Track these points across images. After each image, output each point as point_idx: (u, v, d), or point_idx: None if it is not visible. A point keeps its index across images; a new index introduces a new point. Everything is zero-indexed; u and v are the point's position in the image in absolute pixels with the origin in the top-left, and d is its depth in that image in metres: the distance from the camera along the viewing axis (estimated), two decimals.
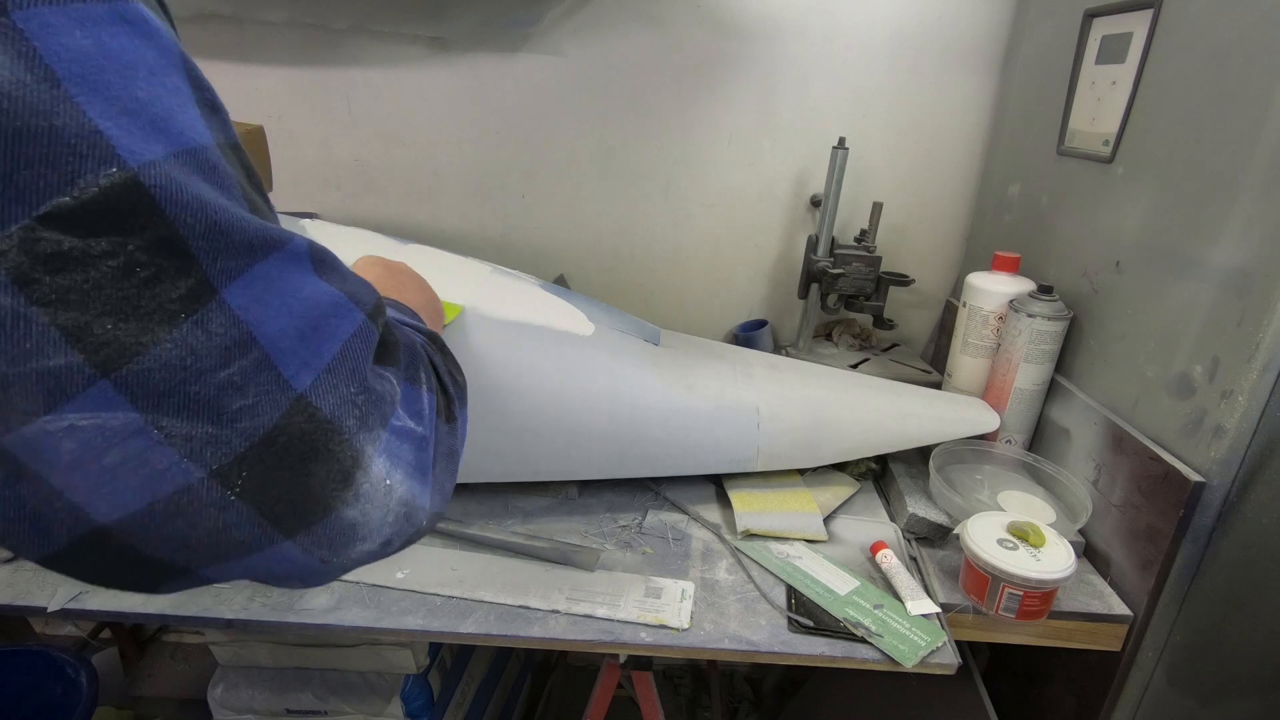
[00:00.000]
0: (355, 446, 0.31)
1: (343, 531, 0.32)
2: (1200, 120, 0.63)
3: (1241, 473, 0.59)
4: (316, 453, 0.30)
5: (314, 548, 0.31)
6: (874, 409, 0.82)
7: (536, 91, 1.07)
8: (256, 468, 0.28)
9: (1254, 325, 0.56)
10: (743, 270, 1.18)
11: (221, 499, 0.28)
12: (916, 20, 1.01)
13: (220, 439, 0.27)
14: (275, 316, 0.28)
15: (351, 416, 0.31)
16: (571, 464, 0.77)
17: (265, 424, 0.28)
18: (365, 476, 0.32)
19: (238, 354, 0.27)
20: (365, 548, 0.34)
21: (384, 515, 0.33)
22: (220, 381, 0.26)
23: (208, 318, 0.26)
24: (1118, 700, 0.69)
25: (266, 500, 0.29)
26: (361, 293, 0.34)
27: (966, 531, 0.66)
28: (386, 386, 0.34)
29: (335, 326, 0.31)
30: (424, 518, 0.37)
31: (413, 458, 0.35)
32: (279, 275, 0.29)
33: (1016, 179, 0.97)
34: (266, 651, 0.87)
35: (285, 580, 0.34)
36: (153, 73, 0.26)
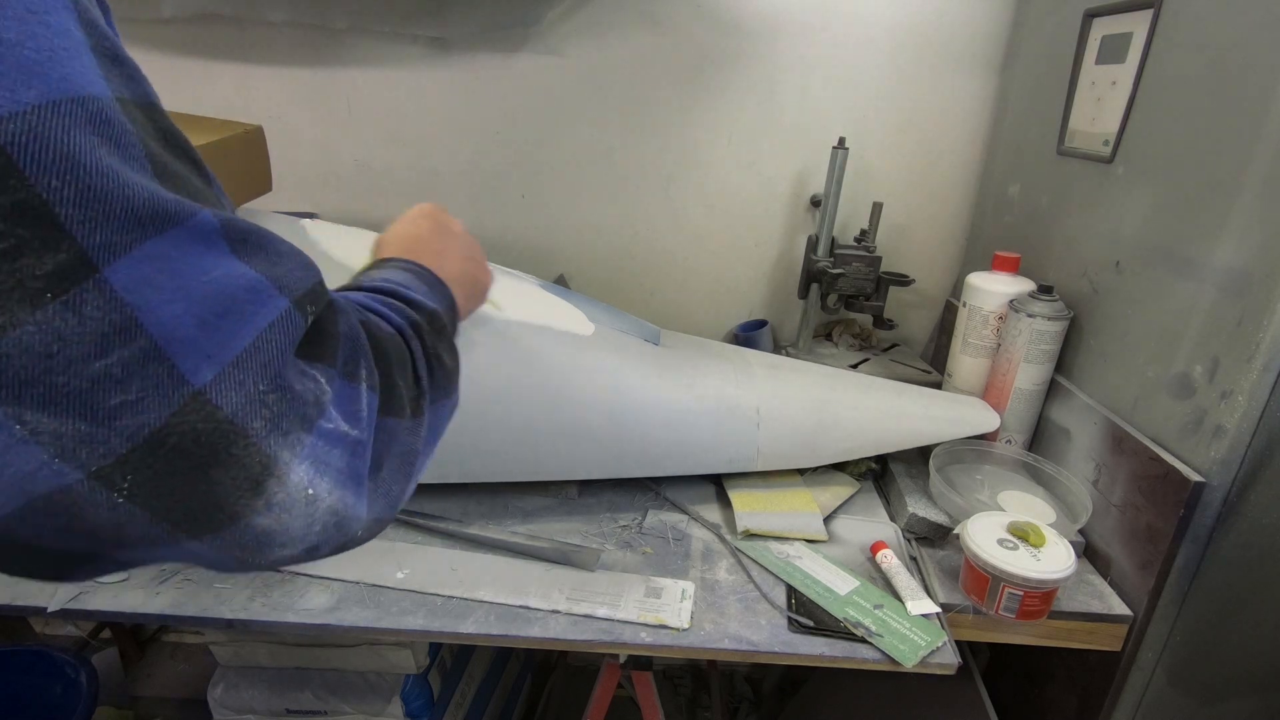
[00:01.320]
0: (265, 452, 0.27)
1: (255, 539, 0.29)
2: (1200, 120, 0.63)
3: (1241, 473, 0.59)
4: (217, 458, 0.26)
5: (225, 549, 0.28)
6: (874, 409, 0.82)
7: (536, 91, 1.07)
8: (144, 472, 0.25)
9: (1254, 325, 0.56)
10: (743, 270, 1.18)
11: (108, 500, 0.25)
12: (917, 20, 1.01)
13: (96, 438, 0.24)
14: (169, 301, 0.24)
15: (259, 418, 0.27)
16: (571, 464, 0.77)
17: (151, 423, 0.24)
18: (280, 485, 0.28)
19: (118, 342, 0.23)
20: (286, 553, 0.31)
21: (307, 524, 0.30)
22: (95, 373, 0.23)
23: (82, 299, 0.23)
24: (1118, 700, 0.69)
25: (162, 505, 0.26)
26: (292, 276, 0.30)
27: (966, 531, 0.66)
28: (310, 385, 0.30)
29: (249, 314, 0.27)
30: (359, 527, 0.33)
31: (344, 464, 0.31)
32: (178, 254, 0.25)
33: (1016, 179, 0.97)
34: (266, 651, 0.87)
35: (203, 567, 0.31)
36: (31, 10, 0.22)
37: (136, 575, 0.66)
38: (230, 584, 0.65)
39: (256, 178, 0.84)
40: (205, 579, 0.66)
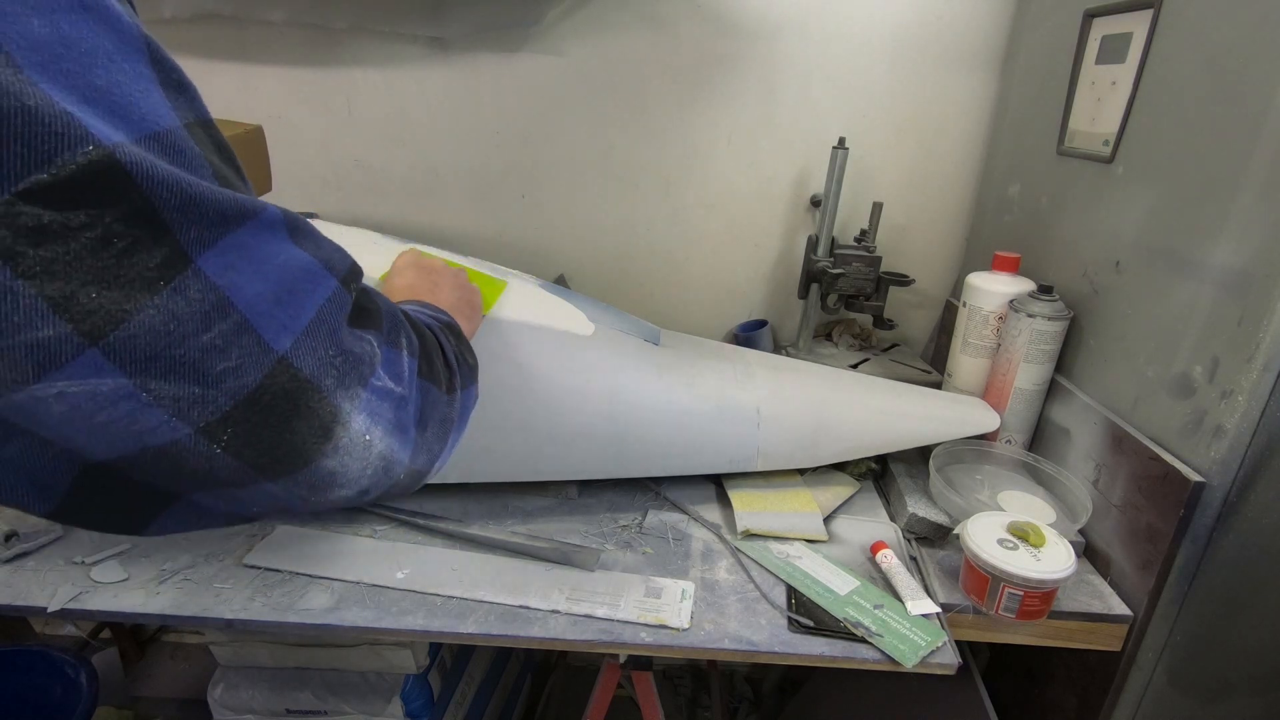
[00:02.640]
0: (334, 404, 0.32)
1: (322, 479, 0.34)
2: (1200, 120, 0.63)
3: (1241, 473, 0.59)
4: (298, 410, 0.31)
5: (294, 489, 0.33)
6: (874, 409, 0.82)
7: (536, 91, 1.07)
8: (242, 425, 0.30)
9: (1254, 325, 0.56)
10: (743, 270, 1.18)
11: (208, 451, 0.29)
12: (916, 20, 1.01)
13: (207, 399, 0.28)
14: (250, 282, 0.29)
15: (330, 376, 0.32)
16: (571, 464, 0.77)
17: (250, 384, 0.29)
18: (345, 432, 0.33)
19: (217, 318, 0.28)
20: (343, 493, 0.36)
21: (362, 467, 0.35)
22: (203, 345, 0.28)
23: (185, 284, 0.27)
24: (1118, 700, 0.69)
25: (251, 453, 0.30)
26: (335, 259, 0.35)
27: (966, 531, 0.66)
28: (365, 348, 0.35)
29: (310, 291, 0.32)
30: (402, 472, 0.39)
31: (392, 416, 0.37)
32: (253, 243, 0.30)
33: (1016, 179, 0.97)
34: (266, 651, 0.87)
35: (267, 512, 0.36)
36: (111, 59, 0.26)
37: (136, 575, 0.66)
38: (230, 584, 0.65)
39: (257, 178, 0.84)
40: (205, 578, 0.66)
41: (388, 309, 0.40)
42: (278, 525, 0.74)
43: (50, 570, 0.66)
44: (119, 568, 0.67)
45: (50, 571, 0.66)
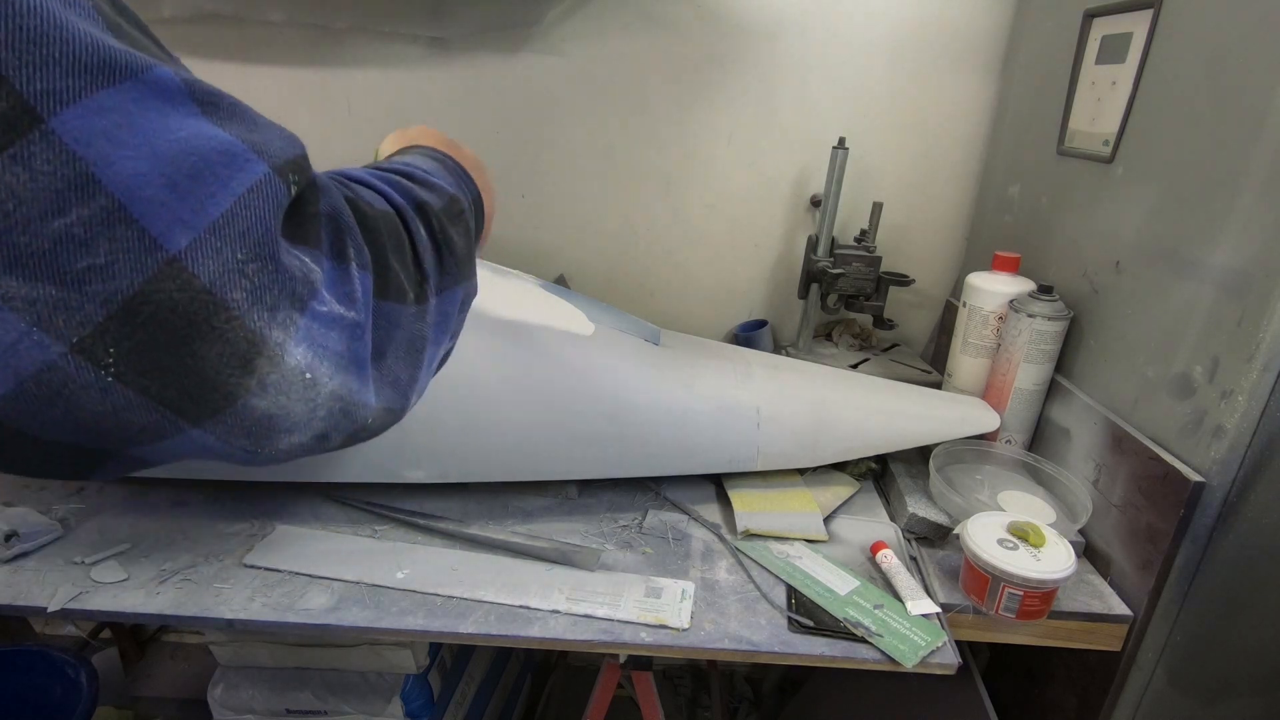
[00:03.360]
0: (249, 327, 0.26)
1: (258, 422, 0.28)
2: (1200, 120, 0.63)
3: (1241, 473, 0.59)
4: (198, 330, 0.25)
5: (230, 437, 0.28)
6: (874, 409, 0.82)
7: (536, 91, 1.07)
8: (125, 344, 0.24)
9: (1254, 325, 0.56)
10: (743, 270, 1.18)
11: (97, 380, 0.24)
12: (916, 20, 1.01)
13: (70, 304, 0.23)
14: (131, 158, 0.23)
15: (239, 289, 0.26)
16: (571, 464, 0.77)
17: (124, 289, 0.23)
18: (272, 365, 0.27)
19: (74, 199, 0.22)
20: (295, 439, 0.30)
21: (310, 409, 0.29)
22: (55, 232, 0.22)
23: (30, 151, 0.21)
24: (1118, 700, 0.69)
25: (152, 384, 0.25)
26: (272, 144, 0.28)
27: (966, 531, 0.66)
28: (298, 263, 0.29)
29: (225, 177, 0.25)
30: (369, 415, 0.33)
31: (343, 347, 0.30)
32: (135, 109, 0.24)
33: (1016, 179, 0.97)
34: (266, 651, 0.87)
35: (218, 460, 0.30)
36: None
37: (136, 575, 0.66)
38: (230, 584, 0.65)
39: None
40: (205, 578, 0.66)
41: (329, 210, 0.32)
42: (278, 525, 0.74)
43: (50, 570, 0.66)
44: (119, 568, 0.67)
45: (50, 571, 0.66)
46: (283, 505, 0.77)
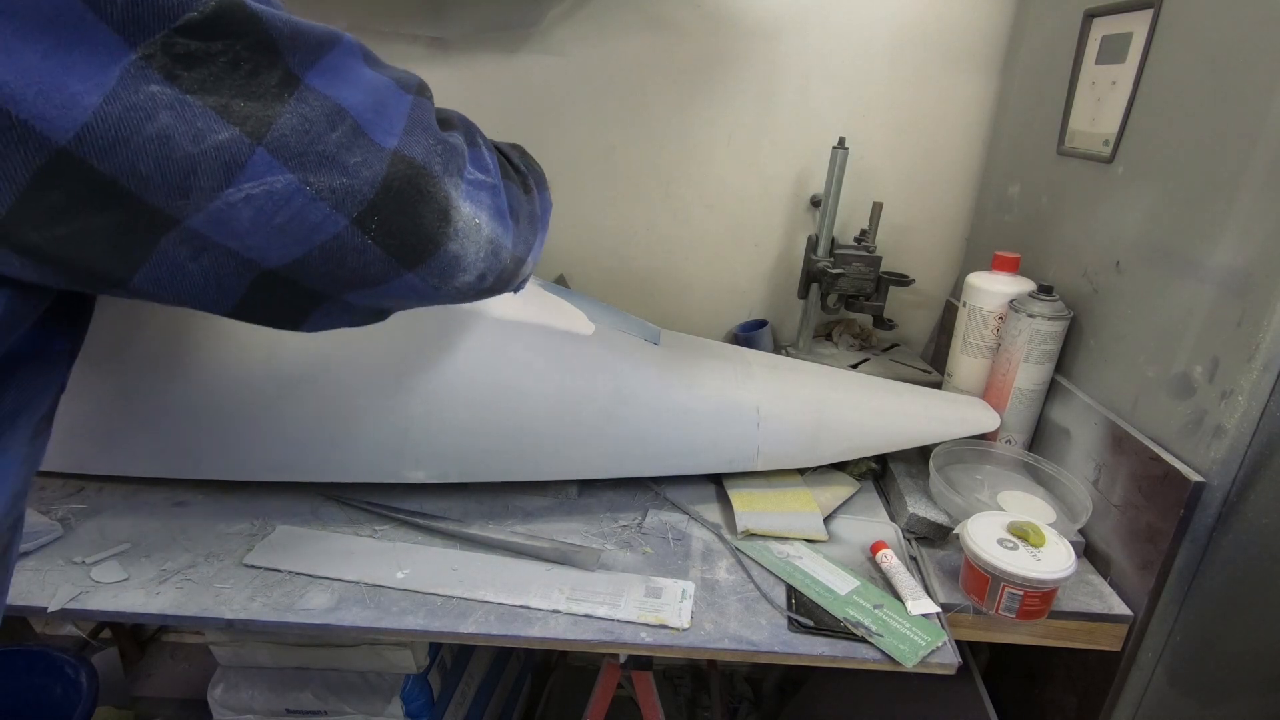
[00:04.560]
0: (444, 189, 0.38)
1: (449, 263, 0.39)
2: (1200, 120, 0.63)
3: (1241, 473, 0.59)
4: (420, 195, 0.37)
5: (429, 277, 0.39)
6: (874, 409, 0.82)
7: (536, 91, 1.07)
8: (383, 213, 0.35)
9: (1254, 325, 0.56)
10: (743, 270, 1.18)
11: (361, 243, 0.35)
12: (916, 20, 1.01)
13: (352, 189, 0.34)
14: (351, 93, 0.34)
15: (436, 164, 0.37)
16: (571, 464, 0.77)
17: (379, 173, 0.35)
18: (459, 215, 0.39)
19: (337, 121, 0.33)
20: (466, 279, 0.41)
21: (477, 251, 0.41)
22: (335, 141, 0.33)
23: (304, 95, 0.32)
24: (1118, 700, 0.69)
25: (393, 242, 0.36)
26: (404, 78, 0.40)
27: (966, 531, 0.66)
28: (456, 141, 0.40)
29: (395, 102, 0.37)
30: (508, 256, 0.44)
31: (490, 202, 0.42)
32: (343, 64, 0.35)
33: (1016, 179, 0.97)
34: (266, 651, 0.87)
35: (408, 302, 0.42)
36: None
37: (136, 575, 0.66)
38: (230, 584, 0.65)
39: None
40: (205, 578, 0.66)
41: (460, 116, 0.45)
42: (278, 525, 0.74)
43: (50, 570, 0.66)
44: (119, 568, 0.67)
45: (50, 571, 0.66)
46: (283, 505, 0.77)
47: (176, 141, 0.29)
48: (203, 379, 0.70)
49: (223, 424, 0.72)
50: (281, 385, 0.70)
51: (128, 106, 0.28)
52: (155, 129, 0.29)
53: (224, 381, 0.70)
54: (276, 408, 0.71)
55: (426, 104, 0.40)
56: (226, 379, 0.70)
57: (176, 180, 0.30)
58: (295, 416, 0.71)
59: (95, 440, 0.74)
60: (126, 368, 0.71)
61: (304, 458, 0.73)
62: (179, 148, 0.29)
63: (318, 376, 0.71)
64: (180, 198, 0.30)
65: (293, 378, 0.70)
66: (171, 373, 0.70)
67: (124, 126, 0.28)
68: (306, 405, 0.71)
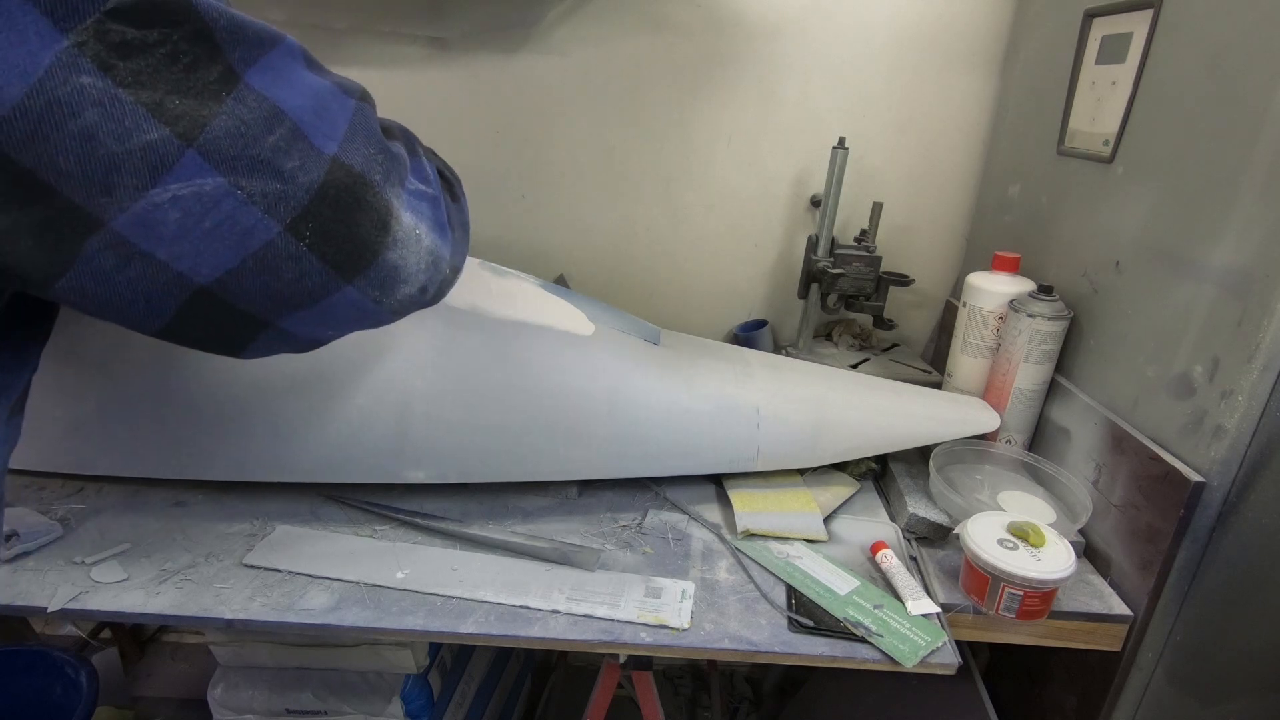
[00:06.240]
0: (385, 198, 0.37)
1: (388, 274, 0.38)
2: (1200, 120, 0.63)
3: (1241, 473, 0.59)
4: (359, 203, 0.36)
5: (368, 289, 0.38)
6: (874, 409, 0.82)
7: (536, 91, 1.07)
8: (318, 220, 0.34)
9: (1254, 325, 0.56)
10: (743, 270, 1.18)
11: (295, 251, 0.34)
12: (916, 20, 1.01)
13: (286, 195, 0.33)
14: (291, 96, 0.34)
15: (377, 171, 0.37)
16: (571, 464, 0.77)
17: (315, 179, 0.34)
18: (399, 225, 0.38)
19: (275, 124, 0.33)
20: (407, 291, 0.40)
21: (417, 262, 0.40)
22: (271, 146, 0.32)
23: (242, 95, 0.32)
24: (1118, 700, 0.69)
25: (329, 250, 0.35)
26: (347, 84, 0.39)
27: (966, 531, 0.66)
28: (398, 150, 0.40)
29: (338, 107, 0.37)
30: (448, 267, 0.44)
31: (431, 214, 0.41)
32: (282, 65, 0.34)
33: (1016, 179, 0.97)
34: (266, 651, 0.87)
35: (347, 324, 0.41)
36: None
37: (136, 575, 0.66)
38: (230, 584, 0.65)
39: None
40: (205, 578, 0.66)
41: (399, 126, 0.45)
42: (278, 525, 0.74)
43: (50, 570, 0.66)
44: (119, 568, 0.67)
45: (50, 571, 0.66)
46: (283, 505, 0.77)
47: (100, 140, 0.28)
48: (203, 379, 0.70)
49: (223, 424, 0.72)
50: (281, 385, 0.70)
51: (52, 101, 0.27)
52: (79, 126, 0.28)
53: (224, 381, 0.70)
54: (276, 408, 0.71)
55: (369, 110, 0.39)
56: (226, 379, 0.70)
57: (99, 177, 0.29)
58: (295, 416, 0.71)
59: (95, 440, 0.74)
60: (127, 368, 0.71)
61: (304, 458, 0.73)
62: (103, 145, 0.28)
63: (318, 376, 0.71)
64: (103, 195, 0.29)
65: (293, 378, 0.70)
66: (171, 373, 0.70)
67: (45, 122, 0.27)
68: (306, 405, 0.71)
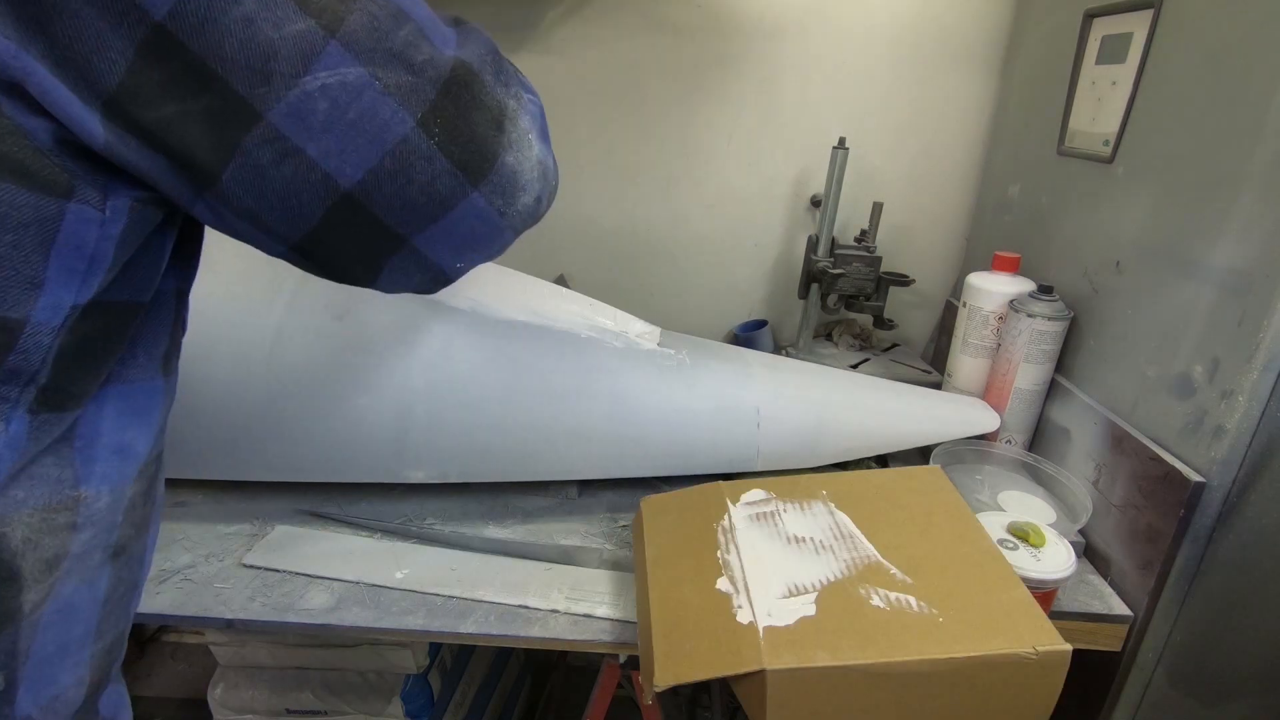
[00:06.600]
0: (497, 97, 0.37)
1: (509, 178, 0.38)
2: (1200, 120, 0.63)
3: (1241, 473, 0.59)
4: (475, 101, 0.36)
5: (494, 197, 0.38)
6: (874, 409, 0.82)
7: (536, 91, 1.06)
8: (443, 115, 0.35)
9: (1254, 325, 0.56)
10: (743, 270, 1.18)
11: (427, 149, 0.35)
12: (917, 20, 1.01)
13: (417, 87, 0.34)
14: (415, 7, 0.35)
15: (489, 71, 0.37)
16: (571, 464, 0.77)
17: (443, 72, 0.35)
18: (513, 125, 0.38)
19: (403, 20, 0.34)
20: (525, 200, 0.41)
21: (531, 169, 0.40)
22: (402, 39, 0.33)
23: None
24: (1118, 700, 0.69)
25: (455, 149, 0.36)
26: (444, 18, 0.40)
27: None
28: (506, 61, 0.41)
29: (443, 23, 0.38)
30: (554, 178, 0.45)
31: (539, 119, 0.42)
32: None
33: (1016, 179, 0.97)
34: (266, 651, 0.87)
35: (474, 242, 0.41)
36: None
37: None
38: (230, 584, 0.65)
39: None
40: (205, 578, 0.66)
41: None
42: (278, 525, 0.74)
43: None
44: None
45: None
46: (283, 505, 0.77)
47: (259, 25, 0.30)
48: (202, 379, 0.70)
49: (223, 424, 0.72)
50: (281, 385, 0.70)
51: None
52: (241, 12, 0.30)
53: (224, 381, 0.70)
54: (276, 408, 0.71)
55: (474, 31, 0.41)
56: (226, 379, 0.70)
57: (259, 65, 0.31)
58: (295, 416, 0.71)
59: None
60: None
61: (304, 458, 0.73)
62: (261, 32, 0.30)
63: (318, 376, 0.71)
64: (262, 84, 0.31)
65: (293, 378, 0.70)
66: None
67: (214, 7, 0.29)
68: (306, 405, 0.71)
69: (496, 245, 0.43)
